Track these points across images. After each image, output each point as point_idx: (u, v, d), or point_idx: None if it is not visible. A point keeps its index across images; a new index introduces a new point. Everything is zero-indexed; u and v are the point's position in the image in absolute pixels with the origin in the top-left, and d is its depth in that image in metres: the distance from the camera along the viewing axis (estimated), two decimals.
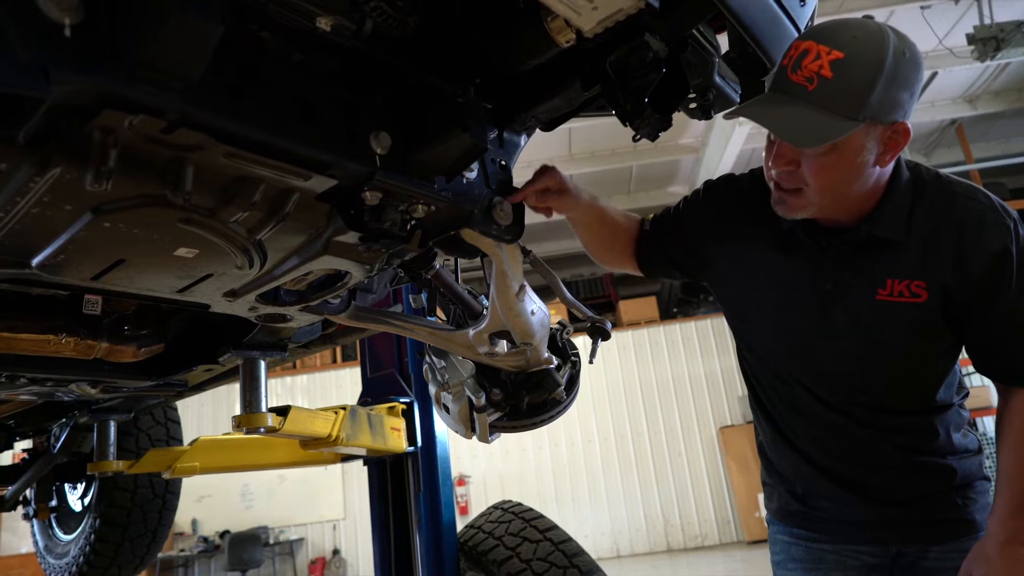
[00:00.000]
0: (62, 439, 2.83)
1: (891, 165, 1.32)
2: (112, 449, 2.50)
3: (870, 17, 1.26)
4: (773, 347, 1.55)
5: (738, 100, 1.24)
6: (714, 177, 1.64)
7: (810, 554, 1.56)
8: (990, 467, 1.43)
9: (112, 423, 2.51)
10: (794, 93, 1.18)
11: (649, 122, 1.04)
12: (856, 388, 1.46)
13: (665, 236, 1.64)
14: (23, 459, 3.19)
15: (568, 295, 1.76)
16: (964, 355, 1.46)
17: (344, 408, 2.05)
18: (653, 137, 1.08)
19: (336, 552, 11.08)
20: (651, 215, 1.68)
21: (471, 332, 1.51)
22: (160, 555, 9.99)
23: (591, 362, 1.72)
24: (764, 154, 1.35)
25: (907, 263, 1.35)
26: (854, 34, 1.18)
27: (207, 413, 11.21)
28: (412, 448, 2.41)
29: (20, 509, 3.27)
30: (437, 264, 1.43)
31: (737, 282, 1.56)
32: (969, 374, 5.65)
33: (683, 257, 1.64)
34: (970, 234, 1.32)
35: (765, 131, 1.29)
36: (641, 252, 1.68)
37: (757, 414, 1.64)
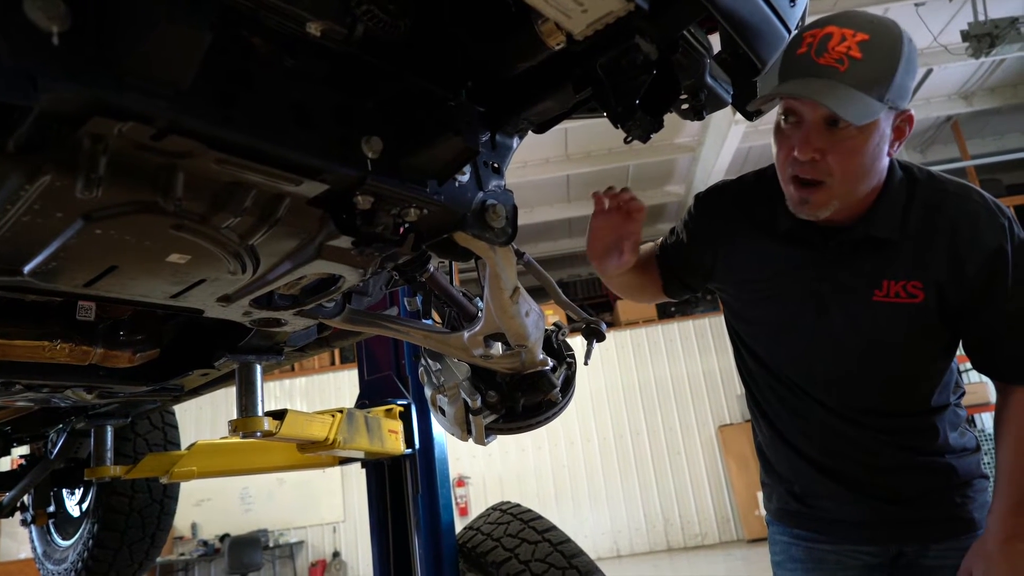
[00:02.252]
0: (59, 445, 2.83)
1: (887, 161, 1.33)
2: (109, 454, 2.49)
3: None
4: (772, 349, 1.55)
5: (730, 100, 1.24)
6: (710, 177, 1.67)
7: (810, 554, 1.56)
8: (988, 464, 1.43)
9: (109, 428, 2.51)
10: (825, 75, 1.17)
11: (640, 124, 1.03)
12: (853, 390, 1.46)
13: (672, 262, 1.66)
14: (20, 465, 3.19)
15: (563, 296, 1.76)
16: (961, 352, 1.46)
17: (341, 411, 2.05)
18: (645, 139, 1.08)
19: (336, 554, 11.08)
20: (659, 241, 1.70)
21: (466, 334, 1.51)
22: (160, 559, 9.99)
23: (586, 364, 1.73)
24: (777, 151, 1.32)
25: (903, 263, 1.35)
26: (870, 18, 1.20)
27: (205, 417, 11.20)
28: (410, 450, 2.41)
29: (18, 515, 3.27)
30: (431, 267, 1.43)
31: (735, 285, 1.56)
32: (966, 371, 5.65)
33: (691, 277, 1.65)
34: (964, 234, 1.32)
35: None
36: (664, 284, 1.70)
37: (755, 415, 1.65)
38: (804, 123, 1.24)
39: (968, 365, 1.46)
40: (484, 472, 11.25)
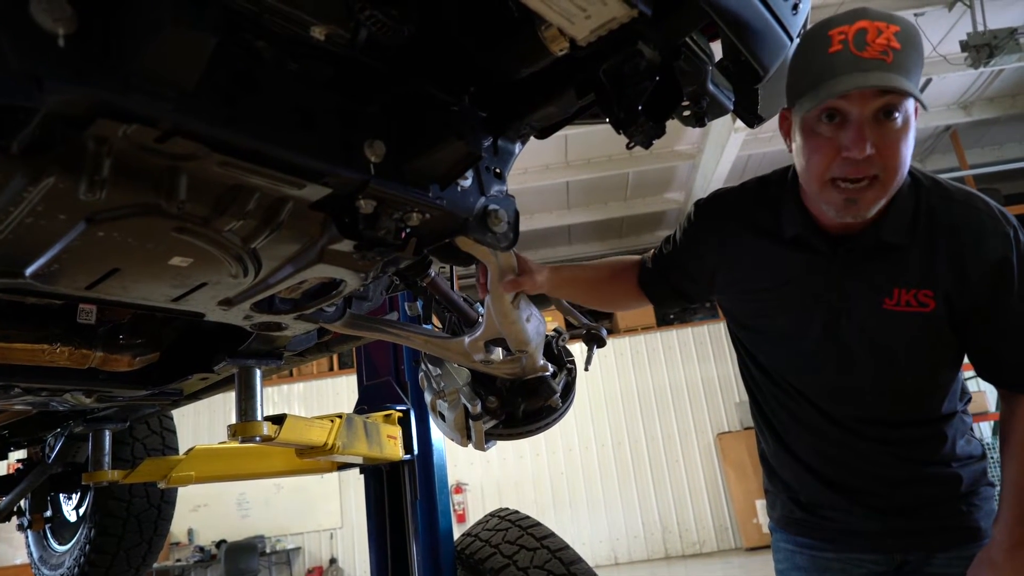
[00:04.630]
0: (57, 449, 2.82)
1: None
2: (107, 459, 2.49)
3: None
4: (777, 358, 1.53)
5: (731, 107, 1.24)
6: (709, 184, 1.66)
7: (814, 562, 1.55)
8: (993, 473, 1.42)
9: (107, 432, 2.50)
10: (874, 68, 1.16)
11: (643, 129, 1.03)
12: (862, 400, 1.44)
13: (667, 269, 1.63)
14: (17, 469, 3.18)
15: (564, 303, 1.76)
16: (966, 360, 1.46)
17: (340, 416, 2.05)
18: (647, 144, 1.08)
19: (333, 561, 11.03)
20: (651, 252, 1.68)
21: (467, 340, 1.51)
22: (156, 565, 9.93)
23: (586, 369, 1.73)
24: (812, 155, 1.27)
25: (913, 271, 1.34)
26: (886, 12, 1.20)
27: (203, 422, 11.18)
28: (408, 456, 2.41)
29: (15, 520, 3.25)
30: (432, 272, 1.43)
31: (738, 293, 1.54)
32: (969, 378, 5.65)
33: (688, 285, 1.62)
34: (969, 243, 1.31)
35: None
36: (648, 289, 1.67)
37: (760, 424, 1.62)
38: (851, 121, 1.21)
39: (971, 372, 1.44)
40: (482, 479, 11.22)
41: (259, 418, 1.61)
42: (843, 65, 1.17)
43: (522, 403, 1.66)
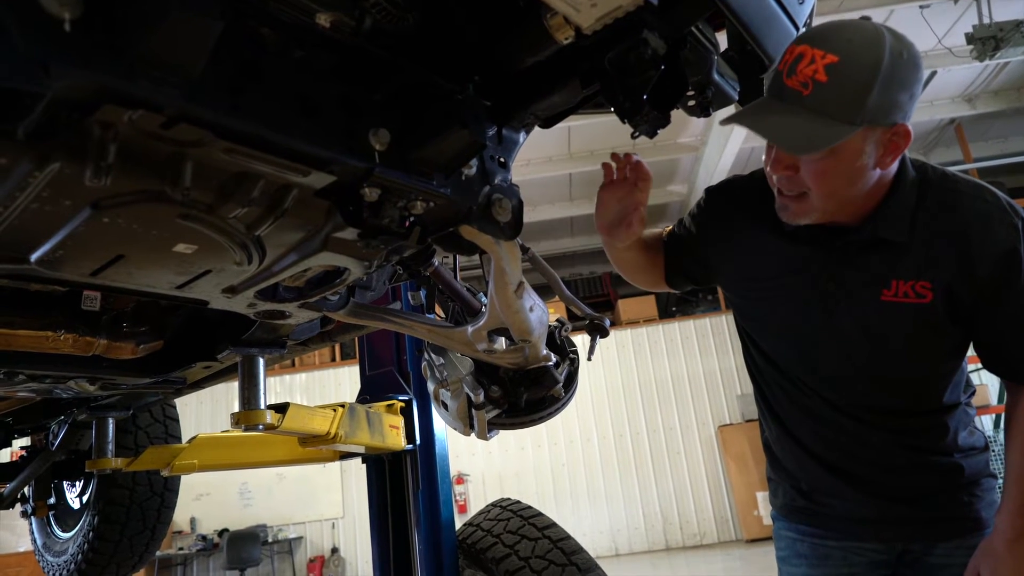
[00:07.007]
0: (60, 436, 2.83)
1: (894, 166, 1.31)
2: (111, 446, 2.50)
3: (867, 18, 1.25)
4: (779, 348, 1.55)
5: (737, 98, 1.24)
6: (712, 176, 1.67)
7: (815, 550, 1.57)
8: (994, 465, 1.42)
9: (111, 420, 2.51)
10: (789, 99, 1.18)
11: (648, 119, 1.03)
12: (862, 390, 1.45)
13: (679, 254, 1.66)
14: (21, 456, 3.20)
15: (567, 292, 1.76)
16: (971, 352, 1.46)
17: (343, 405, 2.05)
18: (652, 134, 1.08)
19: (335, 550, 11.09)
20: (669, 228, 1.69)
21: (470, 329, 1.51)
22: (158, 553, 9.99)
23: (589, 359, 1.73)
24: (764, 157, 1.34)
25: (912, 263, 1.34)
26: (849, 37, 1.17)
27: (205, 411, 11.22)
28: (411, 446, 2.42)
29: (18, 507, 3.27)
30: (436, 261, 1.43)
31: (743, 283, 1.56)
32: (973, 371, 5.65)
33: (697, 271, 1.65)
34: (977, 235, 1.31)
35: None
36: (666, 272, 1.69)
37: (763, 412, 1.64)
38: None
39: (976, 365, 1.45)
40: (483, 470, 11.26)
41: (262, 406, 1.62)
42: (769, 88, 1.21)
43: (525, 393, 1.67)
